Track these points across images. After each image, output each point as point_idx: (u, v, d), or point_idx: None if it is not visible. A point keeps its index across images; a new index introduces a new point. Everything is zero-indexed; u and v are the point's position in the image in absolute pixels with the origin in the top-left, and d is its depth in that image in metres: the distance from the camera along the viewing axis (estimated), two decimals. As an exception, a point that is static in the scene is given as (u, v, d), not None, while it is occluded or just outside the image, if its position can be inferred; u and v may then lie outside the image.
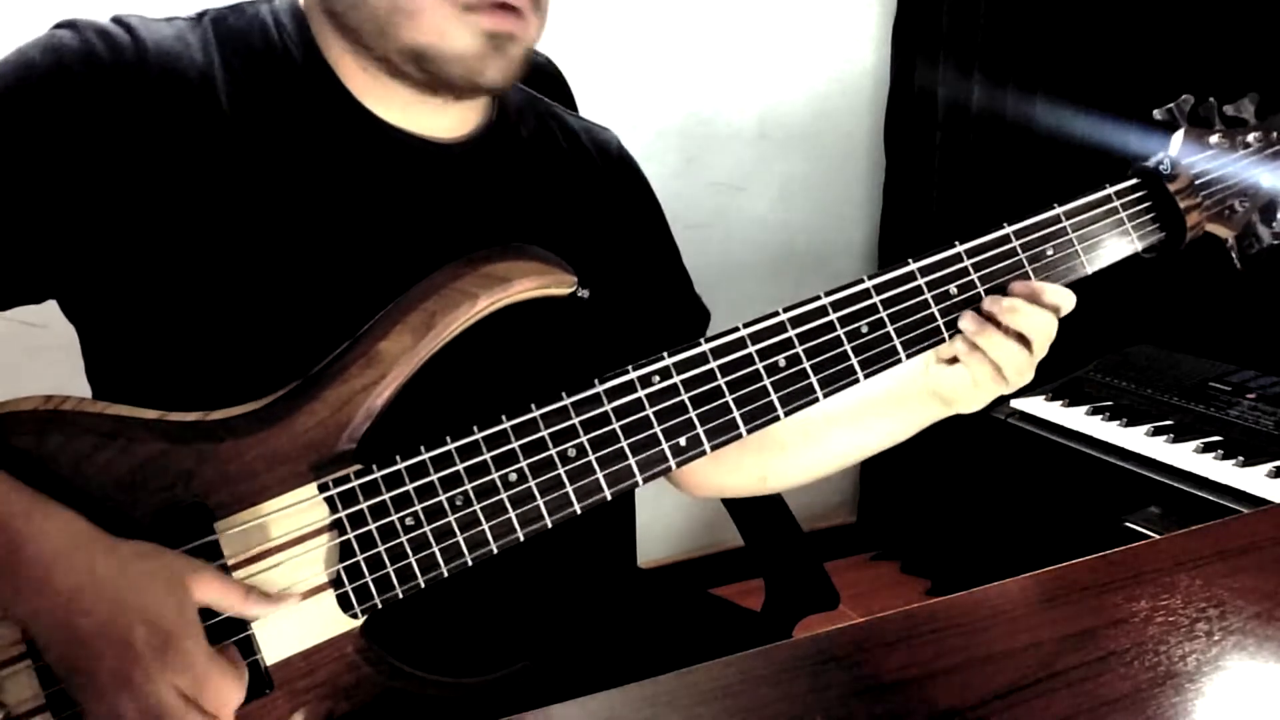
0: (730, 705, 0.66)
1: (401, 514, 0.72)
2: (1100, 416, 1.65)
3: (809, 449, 0.95)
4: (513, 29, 0.76)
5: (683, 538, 2.30)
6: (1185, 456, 1.51)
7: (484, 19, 0.75)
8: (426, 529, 0.72)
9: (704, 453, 0.77)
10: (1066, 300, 0.83)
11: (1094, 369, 1.80)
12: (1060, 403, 1.72)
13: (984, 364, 0.82)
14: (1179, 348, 1.82)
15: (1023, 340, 0.81)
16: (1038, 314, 0.81)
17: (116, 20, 0.77)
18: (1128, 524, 1.52)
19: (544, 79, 1.10)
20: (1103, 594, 0.78)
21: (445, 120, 0.83)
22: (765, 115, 2.16)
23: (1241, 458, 1.47)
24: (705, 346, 0.77)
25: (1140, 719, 0.64)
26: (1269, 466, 1.44)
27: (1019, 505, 2.01)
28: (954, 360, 0.85)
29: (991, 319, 0.81)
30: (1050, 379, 1.78)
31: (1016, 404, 1.74)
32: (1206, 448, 1.51)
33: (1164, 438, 1.56)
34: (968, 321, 0.81)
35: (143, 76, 0.74)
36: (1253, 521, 0.95)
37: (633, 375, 0.76)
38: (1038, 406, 1.72)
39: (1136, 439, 1.58)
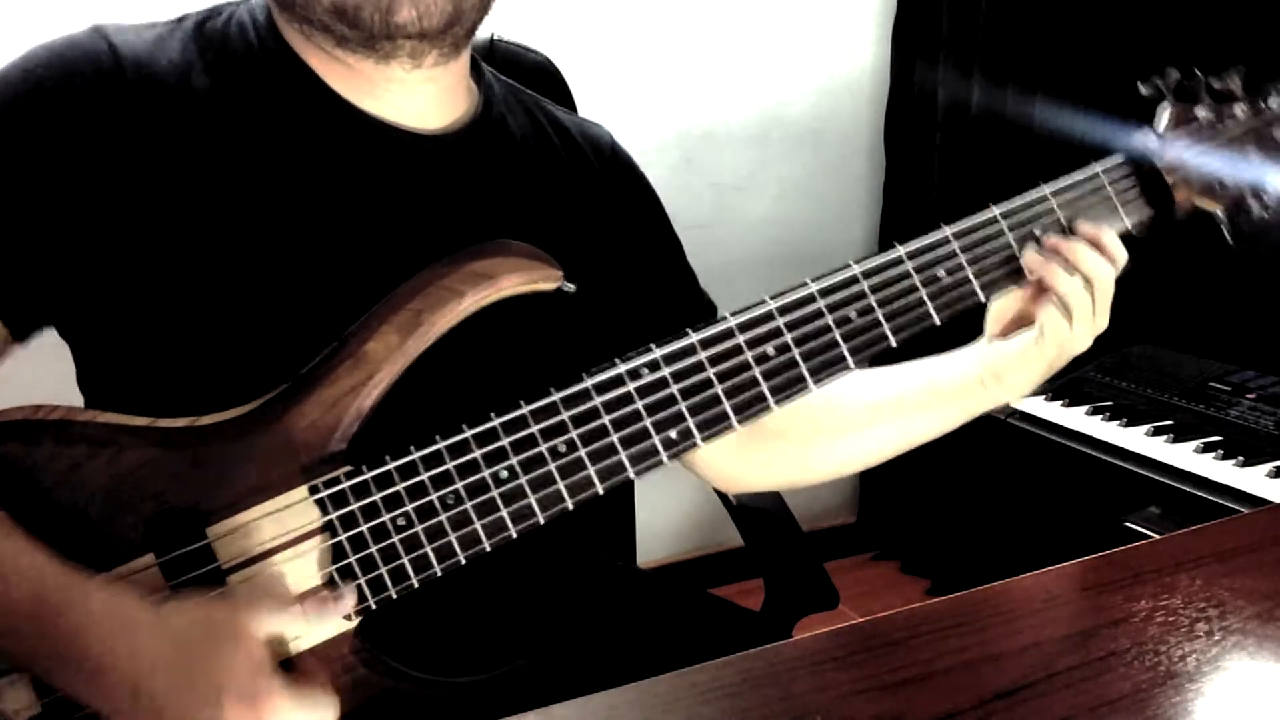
0: (730, 705, 0.66)
1: (393, 514, 0.71)
2: (1100, 416, 1.65)
3: (856, 440, 0.94)
4: None
5: (683, 538, 2.30)
6: (1185, 456, 1.51)
7: None
8: (418, 529, 0.72)
9: (695, 445, 0.76)
10: (1122, 253, 0.84)
11: (1094, 369, 1.80)
12: (1060, 403, 1.72)
13: (1051, 304, 0.82)
14: (1179, 348, 1.82)
15: (1085, 282, 0.82)
16: (1098, 259, 0.82)
17: (95, 30, 0.77)
18: (1128, 524, 1.52)
19: (543, 79, 1.10)
20: (1103, 594, 0.78)
21: (424, 106, 0.83)
22: (765, 115, 2.16)
23: (1241, 458, 1.47)
24: (694, 337, 0.76)
25: (1140, 719, 0.64)
26: (1269, 466, 1.44)
27: (1019, 505, 2.01)
28: (1007, 333, 0.85)
29: (1055, 253, 0.82)
30: (1050, 379, 1.78)
31: (1016, 404, 1.74)
32: (1206, 448, 1.51)
33: (1164, 438, 1.56)
34: (1032, 255, 0.81)
35: (122, 86, 0.74)
36: (1253, 521, 0.95)
37: (621, 369, 0.75)
38: (1038, 406, 1.72)
39: (1136, 439, 1.58)
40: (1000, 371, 0.87)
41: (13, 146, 0.73)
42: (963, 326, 0.88)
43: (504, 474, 0.73)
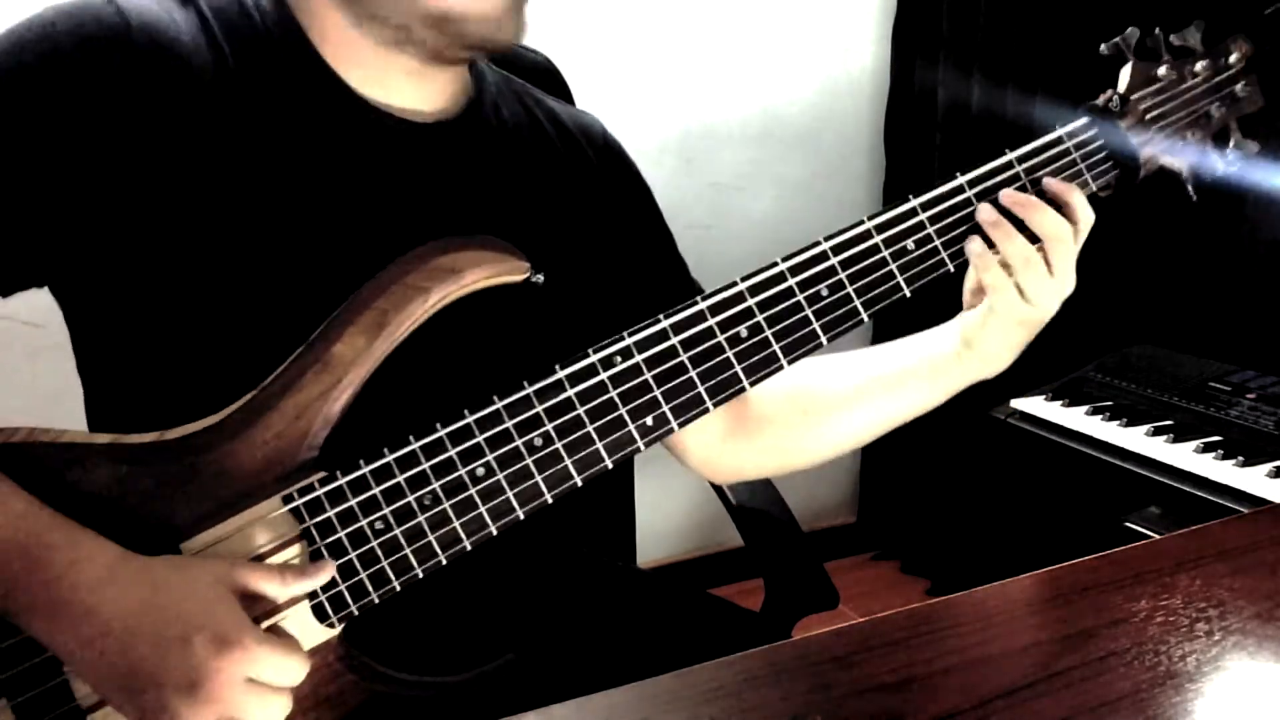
0: (730, 705, 0.66)
1: (370, 518, 0.71)
2: (1100, 416, 1.65)
3: (842, 421, 0.94)
4: None
5: (683, 538, 2.30)
6: (1185, 456, 1.51)
7: None
8: (397, 531, 0.71)
9: (672, 431, 0.76)
10: (1087, 213, 0.83)
11: (1094, 369, 1.80)
12: (1060, 403, 1.72)
13: (998, 271, 0.81)
14: (1179, 348, 1.82)
15: (1037, 240, 0.80)
16: (1055, 218, 0.81)
17: None
18: (1128, 524, 1.52)
19: (543, 78, 1.10)
20: (1103, 594, 0.78)
21: (425, 94, 0.83)
22: (765, 115, 2.16)
23: (1241, 458, 1.46)
24: (665, 322, 0.76)
25: (1140, 719, 0.64)
26: (1269, 466, 1.44)
27: (1019, 505, 2.01)
28: (977, 298, 0.85)
29: (1009, 215, 0.81)
30: (1050, 379, 1.78)
31: (1016, 404, 1.74)
32: (1206, 448, 1.51)
33: (1164, 438, 1.56)
34: (985, 212, 0.81)
35: (131, 52, 0.74)
36: (1253, 521, 0.95)
37: (594, 358, 0.75)
38: (1038, 406, 1.72)
39: (1136, 439, 1.58)
40: (970, 338, 0.87)
41: (21, 110, 0.72)
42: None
43: (480, 471, 0.72)
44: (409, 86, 0.82)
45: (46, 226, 0.73)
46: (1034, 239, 0.81)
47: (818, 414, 0.95)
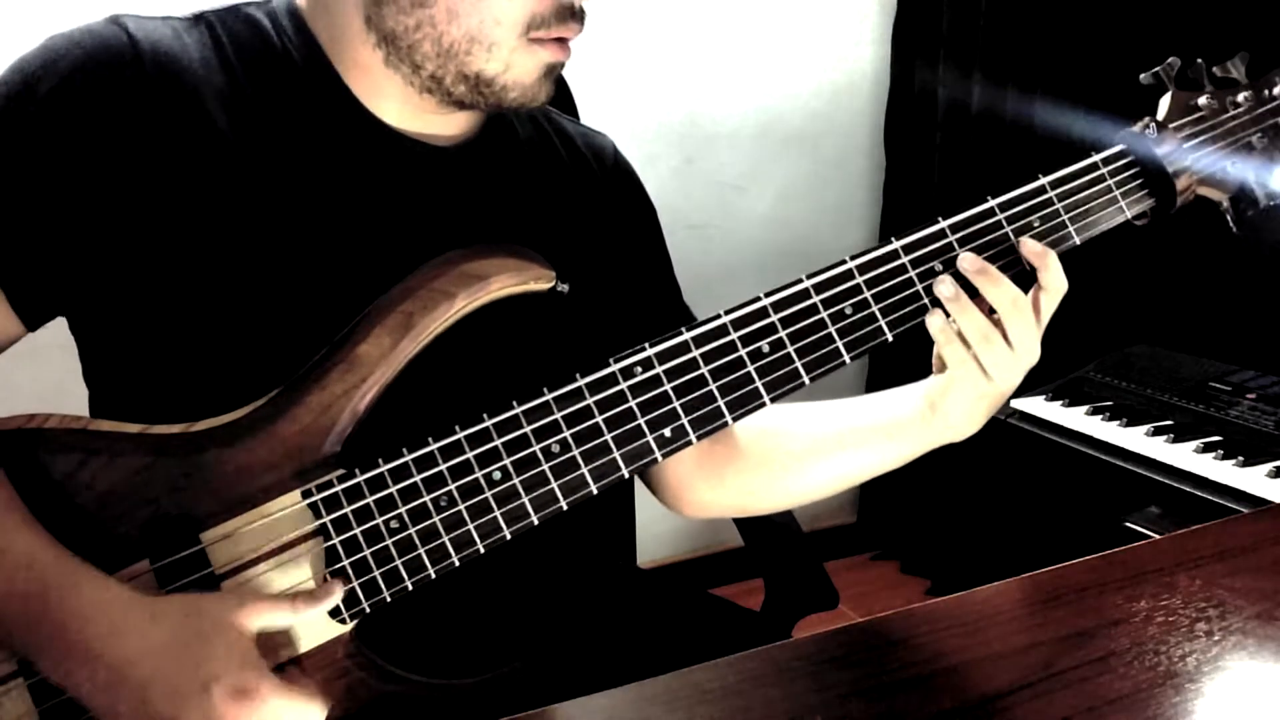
0: (730, 705, 0.66)
1: (386, 517, 0.71)
2: (1100, 416, 1.65)
3: (807, 471, 0.93)
4: (564, 59, 0.80)
5: (683, 538, 2.30)
6: (1185, 456, 1.51)
7: (547, 51, 0.78)
8: (412, 531, 0.72)
9: (690, 443, 0.76)
10: (1059, 282, 0.79)
11: (1094, 369, 1.80)
12: (1060, 403, 1.72)
13: (957, 345, 0.79)
14: (1179, 348, 1.83)
15: (1000, 327, 0.78)
16: (1008, 290, 0.77)
17: (113, 20, 0.76)
18: (1128, 524, 1.52)
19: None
20: (1103, 594, 0.78)
21: (447, 123, 0.84)
22: (765, 115, 2.16)
23: (1241, 458, 1.47)
24: (687, 335, 0.76)
25: (1140, 719, 0.64)
26: (1269, 466, 1.44)
27: (1019, 505, 2.01)
28: (941, 365, 0.84)
29: (974, 296, 0.79)
30: (1050, 379, 1.78)
31: (1016, 404, 1.74)
32: (1206, 448, 1.51)
33: (1164, 438, 1.56)
34: (943, 286, 0.78)
35: (140, 77, 0.74)
36: (1253, 521, 0.95)
37: (614, 368, 0.75)
38: (1038, 406, 1.72)
39: (1136, 439, 1.58)
40: (935, 400, 0.85)
41: (33, 138, 0.72)
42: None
43: (497, 475, 0.73)
44: (433, 119, 0.82)
45: (66, 254, 0.74)
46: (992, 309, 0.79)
47: (785, 461, 0.94)
